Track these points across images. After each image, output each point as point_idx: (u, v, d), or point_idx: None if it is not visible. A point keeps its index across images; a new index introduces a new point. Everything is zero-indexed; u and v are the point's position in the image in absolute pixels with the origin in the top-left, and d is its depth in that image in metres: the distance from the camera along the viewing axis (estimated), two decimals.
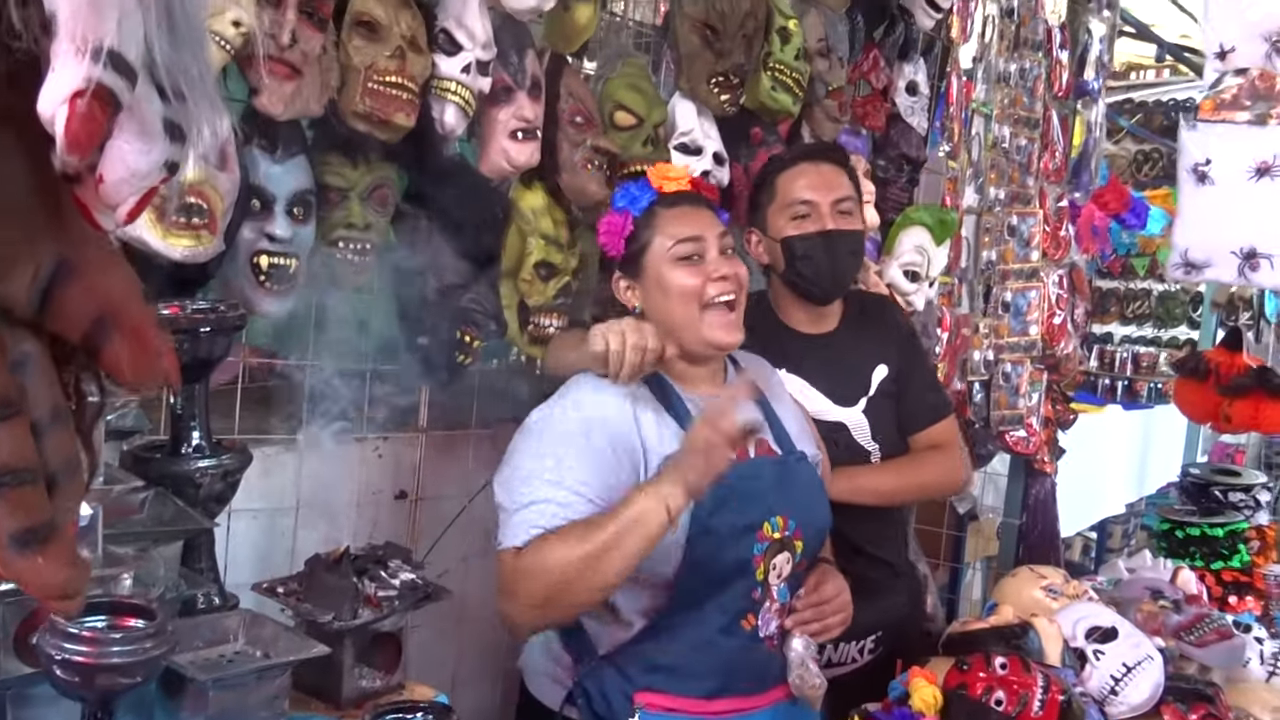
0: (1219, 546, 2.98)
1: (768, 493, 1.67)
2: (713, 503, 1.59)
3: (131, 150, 0.48)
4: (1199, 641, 2.37)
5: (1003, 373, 3.44)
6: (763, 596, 1.67)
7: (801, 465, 1.77)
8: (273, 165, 1.74)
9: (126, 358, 0.55)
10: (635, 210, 1.69)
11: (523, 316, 2.12)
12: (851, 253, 2.12)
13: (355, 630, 1.31)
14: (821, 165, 2.12)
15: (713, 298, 1.64)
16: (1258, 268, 2.42)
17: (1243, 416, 2.93)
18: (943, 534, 3.84)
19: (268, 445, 2.04)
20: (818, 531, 1.76)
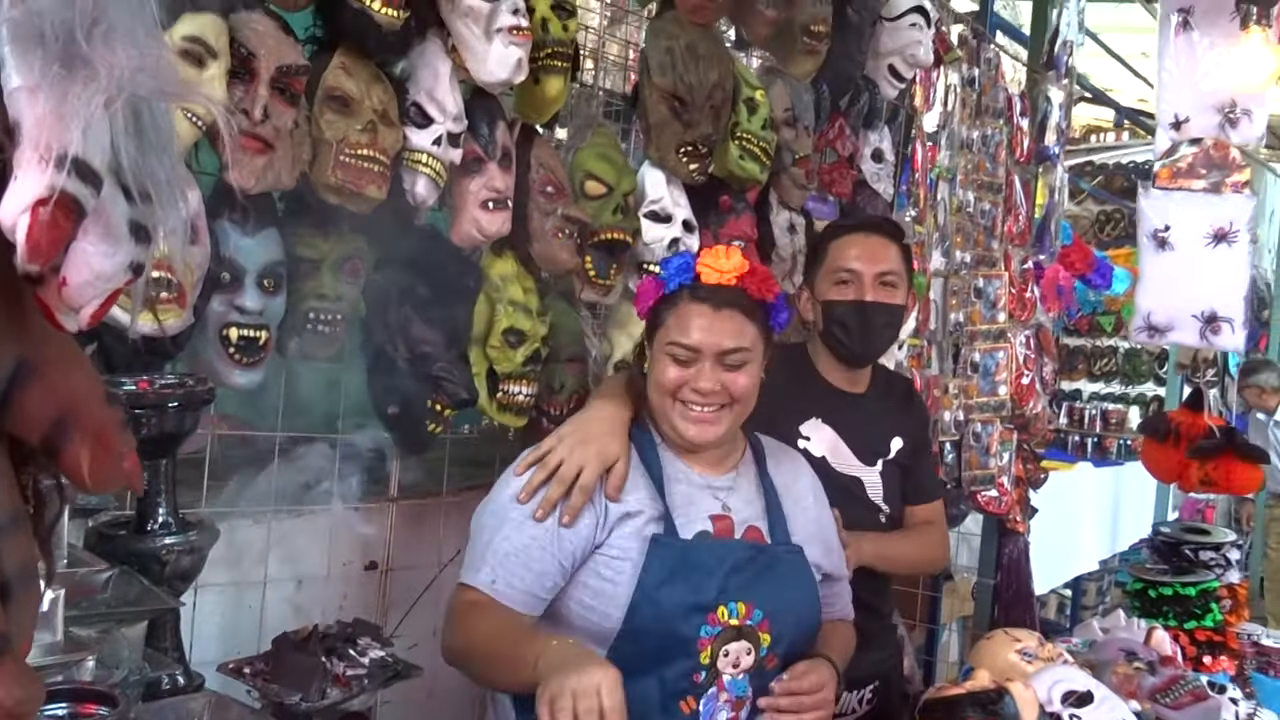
0: (1191, 606, 2.99)
1: (728, 575, 1.62)
2: (663, 573, 1.58)
3: (96, 253, 0.48)
4: (1175, 704, 2.37)
5: (973, 433, 3.47)
6: (707, 681, 1.61)
7: (790, 557, 1.71)
8: (243, 238, 1.75)
9: (87, 461, 0.55)
10: (669, 285, 1.67)
11: (492, 384, 2.12)
12: (887, 325, 2.16)
13: (323, 711, 1.28)
14: (871, 237, 2.17)
15: (687, 400, 1.64)
16: (1219, 331, 2.47)
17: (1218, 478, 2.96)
18: (918, 594, 3.83)
19: (235, 517, 2.01)
20: (795, 628, 1.69)
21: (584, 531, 1.58)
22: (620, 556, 1.59)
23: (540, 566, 1.56)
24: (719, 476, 1.71)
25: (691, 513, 1.65)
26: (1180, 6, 2.71)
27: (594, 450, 1.61)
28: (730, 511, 1.69)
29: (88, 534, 1.50)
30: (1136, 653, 2.58)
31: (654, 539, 1.59)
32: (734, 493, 1.72)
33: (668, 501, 1.64)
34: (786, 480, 1.81)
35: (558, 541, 1.57)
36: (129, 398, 1.45)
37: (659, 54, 2.33)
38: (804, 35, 2.63)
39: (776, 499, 1.76)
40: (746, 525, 1.70)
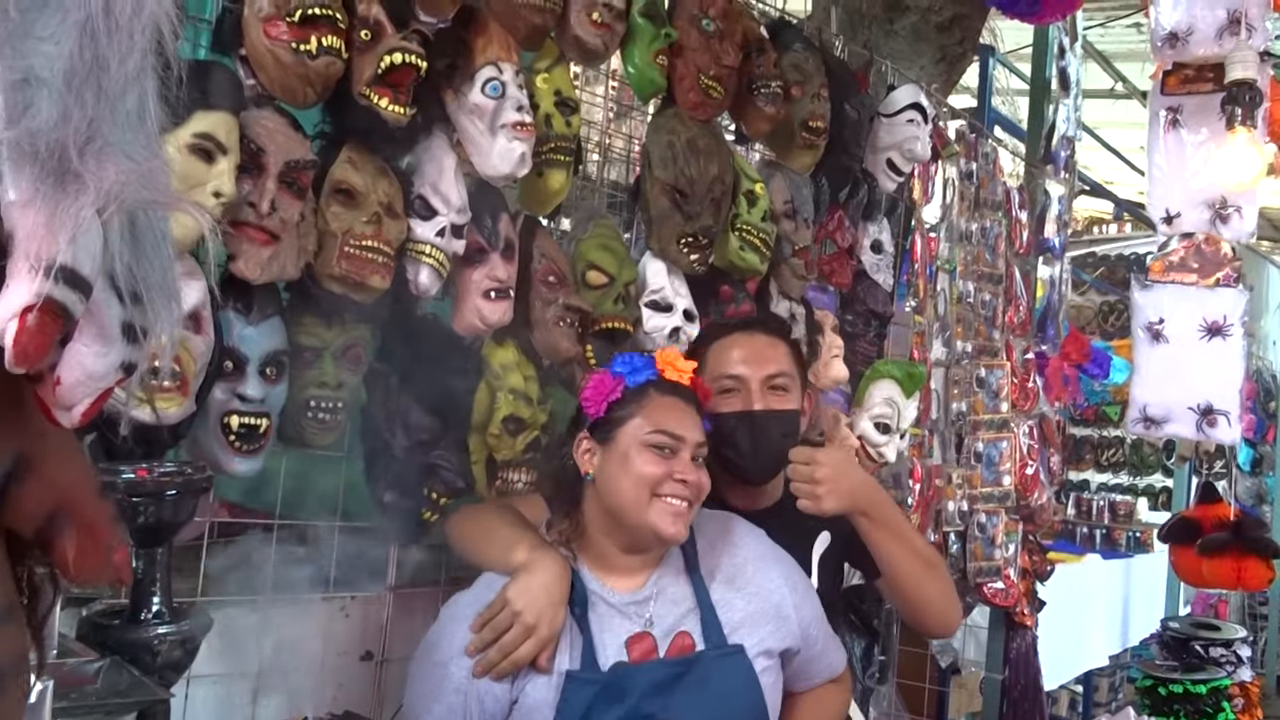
0: (1203, 704, 2.94)
1: (647, 700, 1.60)
2: (576, 710, 1.57)
3: (89, 353, 0.49)
4: None
5: (978, 523, 3.45)
6: None
7: (724, 661, 1.67)
8: (247, 327, 1.77)
9: (75, 554, 0.56)
10: (630, 381, 1.67)
11: (490, 471, 2.12)
12: (783, 434, 1.97)
13: None
14: (756, 336, 2.02)
15: (665, 494, 1.63)
16: (1215, 424, 2.47)
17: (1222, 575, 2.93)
18: (925, 689, 3.76)
19: (230, 606, 2.00)
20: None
21: (499, 694, 1.59)
22: (539, 707, 1.59)
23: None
24: (639, 589, 1.68)
25: (608, 639, 1.63)
26: (1169, 105, 2.78)
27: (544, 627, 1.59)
28: (651, 627, 1.66)
29: (80, 623, 1.49)
30: None
31: (569, 676, 1.60)
32: (655, 603, 1.68)
33: (590, 629, 1.63)
34: (719, 557, 1.76)
35: (475, 705, 1.58)
36: (127, 486, 1.46)
37: (660, 148, 2.38)
38: (802, 130, 2.69)
39: (705, 592, 1.71)
40: (673, 634, 1.66)
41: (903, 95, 3.02)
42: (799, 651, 1.79)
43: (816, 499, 1.88)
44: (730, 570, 1.76)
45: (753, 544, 1.83)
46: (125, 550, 0.61)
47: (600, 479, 1.66)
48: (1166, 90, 2.72)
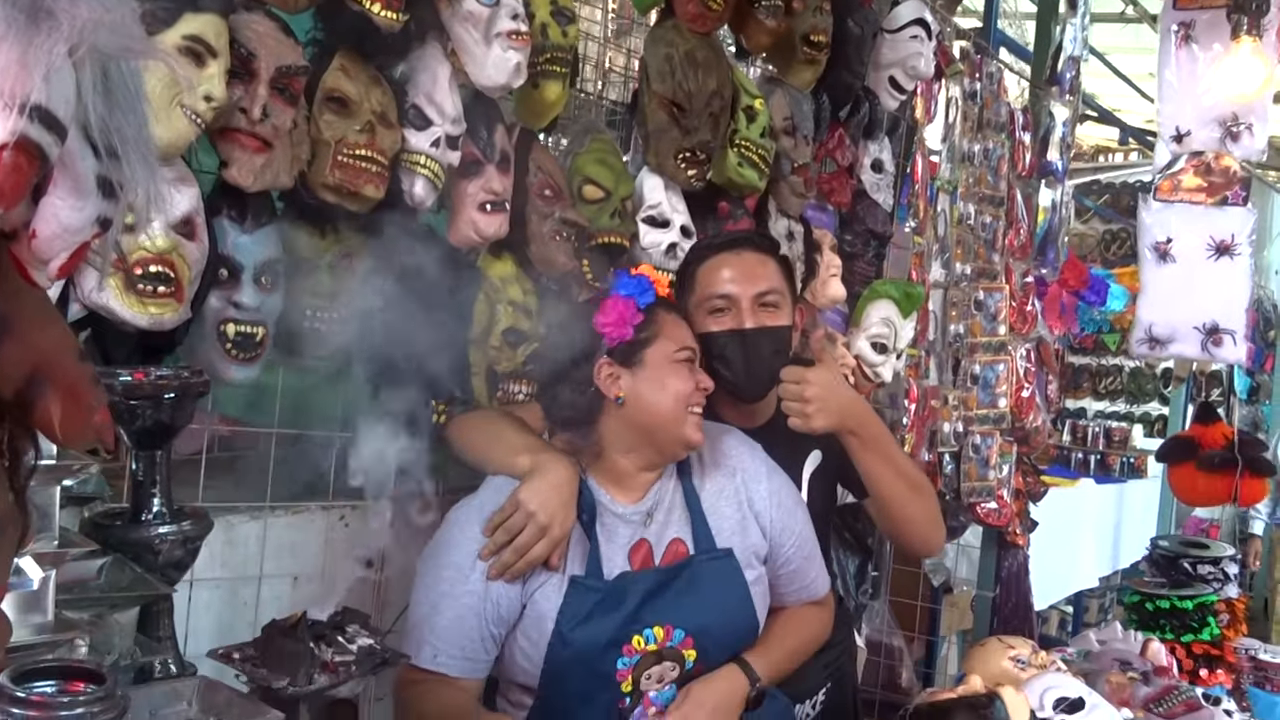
0: (1188, 619, 2.99)
1: (641, 606, 1.65)
2: (574, 615, 1.62)
3: (65, 206, 0.49)
4: (1167, 714, 2.37)
5: (972, 445, 3.48)
6: (633, 704, 1.66)
7: (715, 565, 1.72)
8: (241, 235, 1.77)
9: (59, 415, 0.56)
10: (641, 302, 1.69)
11: (491, 383, 2.13)
12: (775, 351, 1.96)
13: (311, 696, 1.30)
14: (744, 254, 1.98)
15: (696, 404, 1.70)
16: (1220, 343, 2.47)
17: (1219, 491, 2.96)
18: (917, 607, 3.83)
19: (232, 514, 2.03)
20: (721, 640, 1.72)
21: (512, 597, 1.64)
22: (545, 614, 1.64)
23: (476, 634, 1.63)
24: (641, 501, 1.73)
25: (612, 550, 1.69)
26: (1181, 20, 2.73)
27: (557, 527, 1.63)
28: (648, 534, 1.71)
29: (82, 524, 1.52)
30: (1131, 663, 2.58)
31: (573, 581, 1.65)
32: (652, 513, 1.73)
33: (597, 539, 1.68)
34: (709, 467, 1.81)
35: (489, 608, 1.63)
36: (124, 389, 1.47)
37: (658, 61, 2.35)
38: (804, 45, 2.65)
39: (697, 501, 1.76)
40: (668, 542, 1.72)
41: (907, 10, 2.97)
42: (792, 560, 1.84)
43: (806, 417, 1.90)
44: (720, 481, 1.81)
45: (745, 455, 1.87)
46: (107, 412, 0.62)
47: (632, 400, 1.68)
48: (1179, 4, 2.68)
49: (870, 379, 2.89)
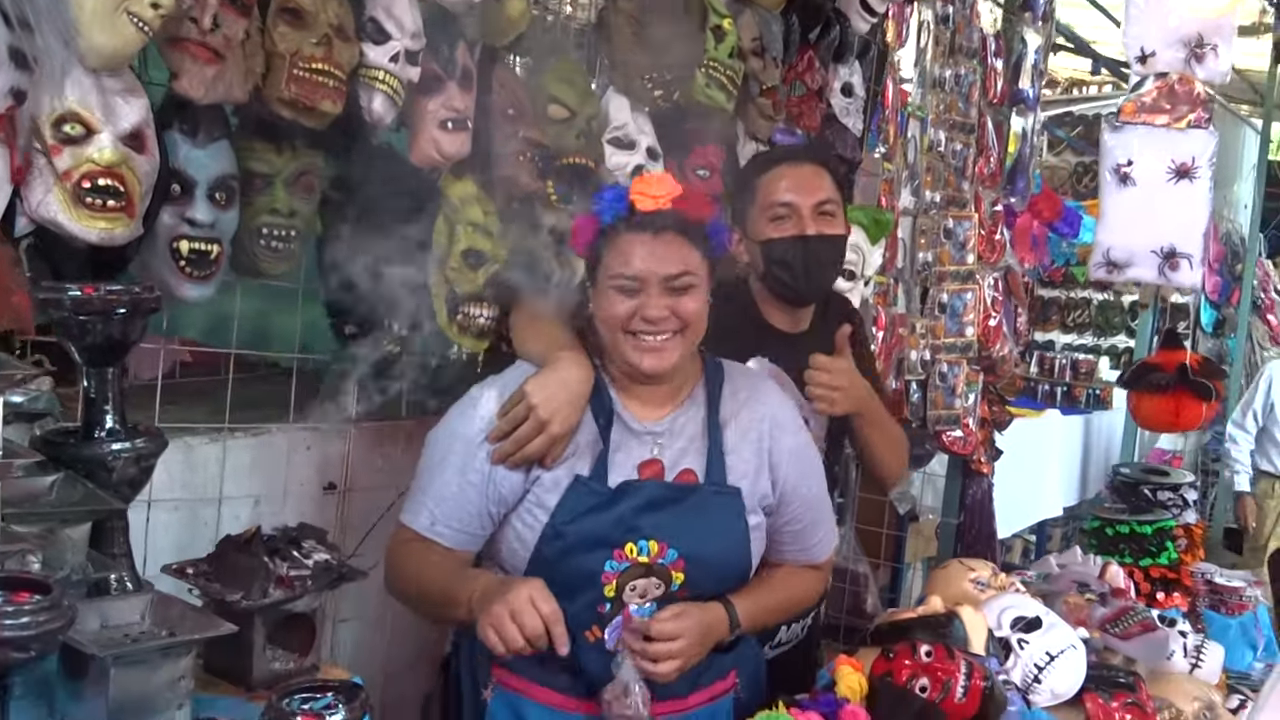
0: (1147, 544, 3.04)
1: (640, 512, 1.63)
2: (571, 509, 1.61)
3: None
4: (1124, 634, 2.42)
5: (939, 373, 3.49)
6: (612, 613, 1.64)
7: (721, 499, 1.69)
8: (193, 149, 1.73)
9: None
10: (604, 219, 1.64)
11: (451, 305, 2.11)
12: (832, 258, 2.10)
13: (265, 610, 1.29)
14: (803, 166, 2.08)
15: (638, 331, 1.62)
16: (1177, 267, 2.48)
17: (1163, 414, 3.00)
18: (883, 534, 3.88)
19: (191, 435, 2.01)
20: (714, 572, 1.69)
21: (516, 482, 1.64)
22: (542, 504, 1.63)
23: (475, 509, 1.63)
24: (659, 420, 1.70)
25: (621, 459, 1.66)
26: None
27: (557, 424, 1.61)
28: (662, 456, 1.68)
29: (32, 441, 1.49)
30: (1089, 585, 2.62)
31: (576, 479, 1.63)
32: (671, 435, 1.70)
33: (610, 442, 1.65)
34: (740, 407, 1.76)
35: (491, 488, 1.63)
36: (74, 304, 1.43)
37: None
38: None
39: (719, 435, 1.72)
40: (680, 468, 1.69)
41: None
42: (799, 519, 1.81)
43: (832, 403, 2.02)
44: (747, 422, 1.76)
45: (780, 405, 1.82)
46: (25, 295, 0.59)
47: (594, 315, 1.68)
48: None
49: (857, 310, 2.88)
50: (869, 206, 3.03)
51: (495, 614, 1.45)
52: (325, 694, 1.23)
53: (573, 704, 1.68)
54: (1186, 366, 2.98)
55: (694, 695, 1.74)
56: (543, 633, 1.46)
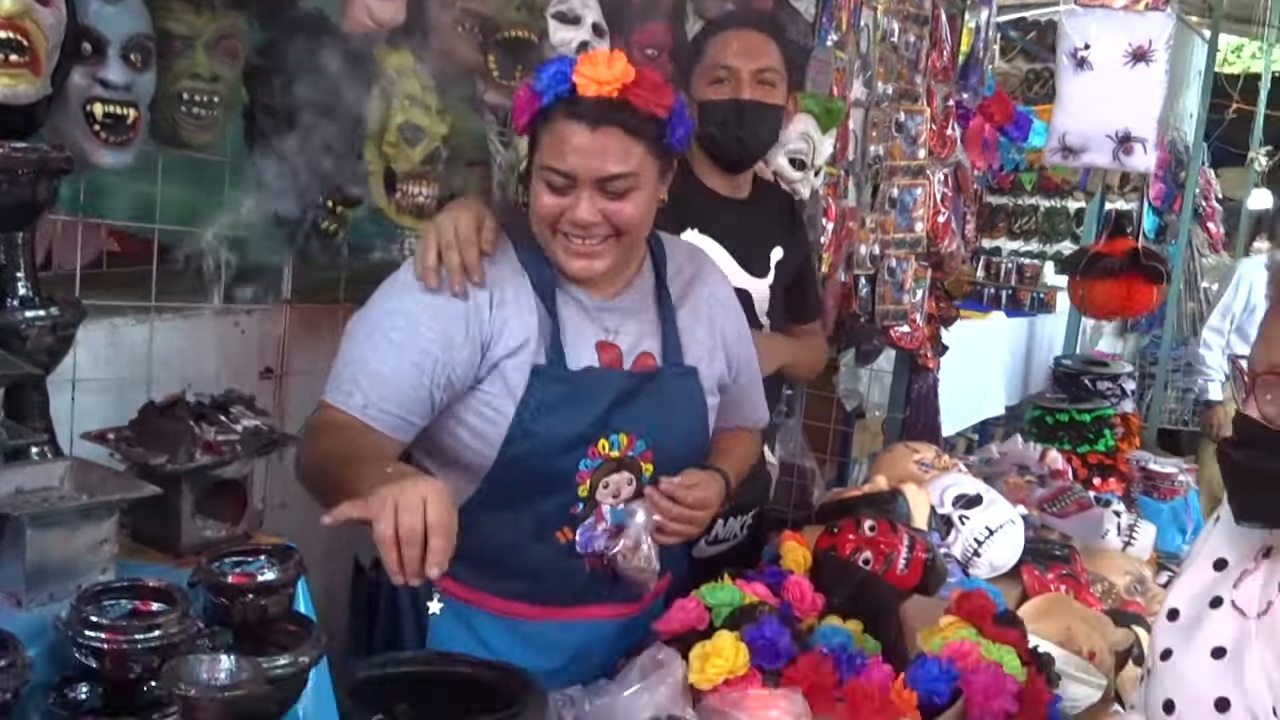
0: (1086, 431, 3.10)
1: (611, 407, 1.57)
2: (540, 405, 1.53)
3: None
4: (1060, 512, 2.47)
5: (888, 268, 3.47)
6: (585, 513, 1.59)
7: (680, 381, 1.65)
8: (104, 5, 1.62)
9: None
10: (544, 98, 1.48)
11: (389, 184, 2.04)
12: (765, 125, 2.10)
13: (192, 475, 1.24)
14: (749, 33, 2.09)
15: (563, 232, 1.52)
16: (1131, 151, 2.47)
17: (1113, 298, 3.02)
18: (830, 430, 3.90)
19: (117, 316, 1.94)
20: (678, 459, 1.64)
21: (464, 362, 1.51)
22: (501, 394, 1.54)
23: (416, 393, 1.49)
24: (611, 299, 1.63)
25: (578, 343, 1.58)
26: None
27: (466, 220, 1.54)
28: (618, 339, 1.62)
29: None
30: (1029, 468, 2.67)
31: (535, 370, 1.54)
32: (624, 316, 1.63)
33: (559, 325, 1.57)
34: (687, 286, 1.73)
35: (438, 370, 1.49)
36: None
37: None
38: None
39: (672, 315, 1.68)
40: (636, 352, 1.63)
41: None
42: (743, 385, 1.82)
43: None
44: (695, 301, 1.72)
45: (716, 283, 1.79)
46: None
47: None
48: None
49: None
50: (820, 95, 2.97)
51: (378, 505, 1.22)
52: (258, 557, 1.19)
53: (533, 611, 1.63)
54: (1137, 251, 3.00)
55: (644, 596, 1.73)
56: (419, 535, 1.21)
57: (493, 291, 1.54)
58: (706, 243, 2.06)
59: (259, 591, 1.13)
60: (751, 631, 1.58)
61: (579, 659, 1.65)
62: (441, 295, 1.51)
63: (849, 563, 1.92)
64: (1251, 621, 1.18)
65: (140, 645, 1.01)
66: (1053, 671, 1.69)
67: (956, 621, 1.73)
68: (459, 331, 1.51)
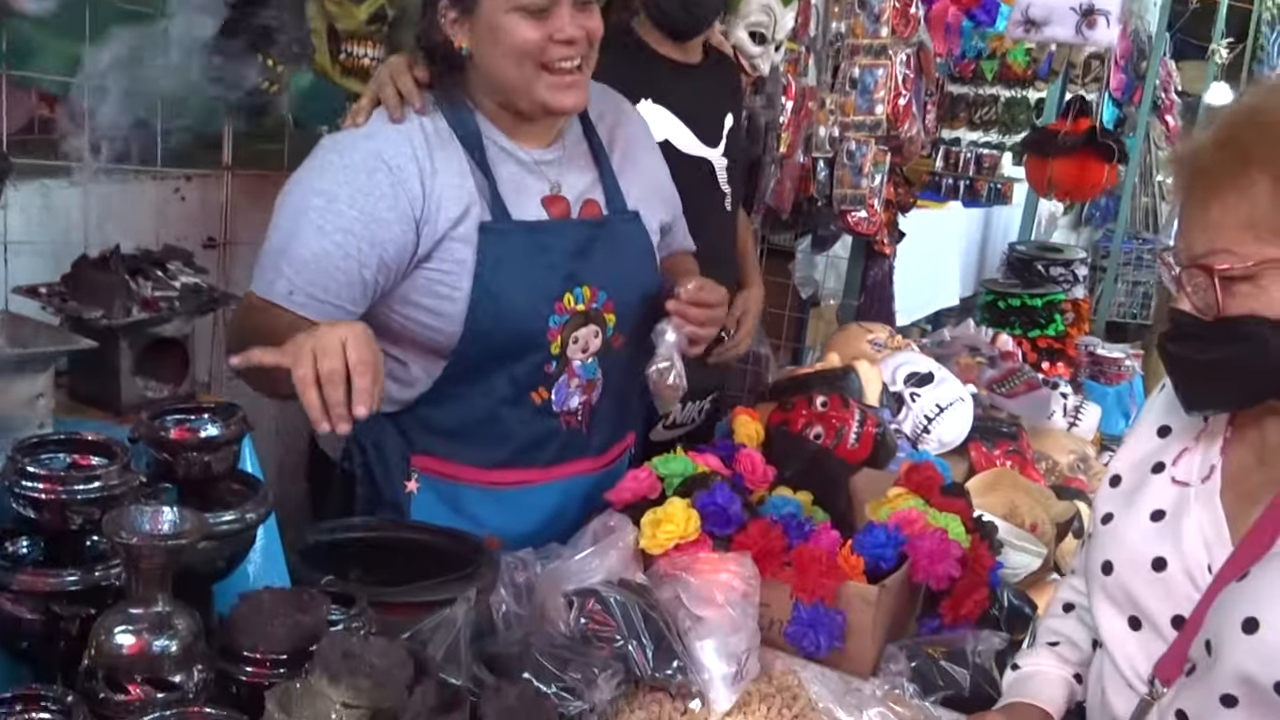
0: (1037, 316, 3.13)
1: (572, 260, 1.55)
2: (498, 264, 1.49)
3: None
4: (1009, 393, 2.51)
5: (847, 151, 3.43)
6: (558, 370, 1.59)
7: (628, 227, 1.65)
8: None
9: None
10: None
11: (333, 45, 1.95)
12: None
13: (130, 330, 1.20)
14: None
15: (553, 60, 1.47)
16: (1094, 24, 2.43)
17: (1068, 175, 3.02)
18: (785, 316, 3.91)
19: (49, 178, 1.86)
20: (636, 305, 1.65)
21: (395, 239, 1.46)
22: (453, 270, 1.50)
23: (345, 276, 1.44)
24: (546, 149, 1.60)
25: (522, 200, 1.55)
26: None
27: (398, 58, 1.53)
28: (561, 189, 1.59)
29: None
30: (980, 349, 2.70)
31: (483, 227, 1.50)
32: (563, 166, 1.61)
33: (499, 183, 1.53)
34: (613, 130, 1.70)
35: (366, 248, 1.44)
36: None
37: None
38: None
39: (607, 162, 1.66)
40: (582, 200, 1.61)
41: None
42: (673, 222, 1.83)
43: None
44: (624, 143, 1.70)
45: (635, 124, 1.77)
46: None
47: (476, 55, 1.50)
48: None
49: (748, 71, 2.78)
50: None
51: (294, 352, 1.19)
52: (200, 415, 1.17)
53: (511, 477, 1.63)
54: (1095, 129, 2.99)
55: (611, 449, 1.75)
56: (340, 376, 1.18)
57: (421, 162, 1.49)
58: (661, 113, 2.02)
59: (202, 447, 1.11)
60: (703, 498, 1.59)
61: (556, 519, 1.67)
62: (362, 171, 1.46)
63: (800, 437, 1.94)
64: (1192, 488, 1.20)
65: (80, 496, 0.99)
66: (996, 539, 1.73)
67: (904, 492, 1.75)
68: (385, 208, 1.46)
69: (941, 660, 1.47)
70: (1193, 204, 1.11)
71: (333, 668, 0.94)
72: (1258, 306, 1.07)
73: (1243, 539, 1.13)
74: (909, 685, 1.43)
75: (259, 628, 1.03)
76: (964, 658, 1.47)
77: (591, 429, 1.67)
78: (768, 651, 1.49)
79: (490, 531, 1.57)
